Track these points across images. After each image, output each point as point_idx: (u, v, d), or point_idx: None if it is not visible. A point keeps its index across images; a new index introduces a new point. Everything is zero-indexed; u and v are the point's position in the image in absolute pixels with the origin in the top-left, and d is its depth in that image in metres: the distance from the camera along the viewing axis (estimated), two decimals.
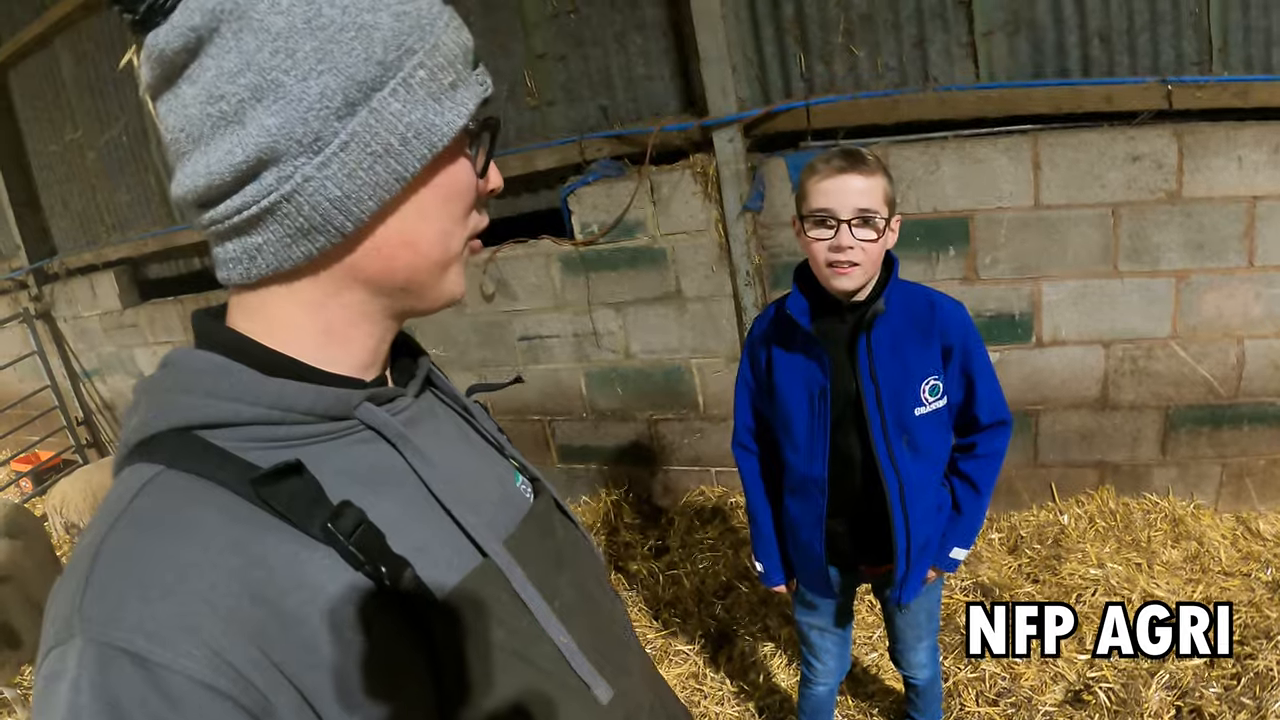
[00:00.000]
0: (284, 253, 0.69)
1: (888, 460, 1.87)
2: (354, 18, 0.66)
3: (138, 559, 0.60)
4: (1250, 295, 3.22)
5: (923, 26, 3.36)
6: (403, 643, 0.69)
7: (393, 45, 0.67)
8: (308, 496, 0.67)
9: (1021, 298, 3.46)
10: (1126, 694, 2.66)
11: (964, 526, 2.04)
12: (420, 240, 0.74)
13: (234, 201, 0.67)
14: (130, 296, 6.24)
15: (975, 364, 1.90)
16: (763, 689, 3.04)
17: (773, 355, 1.98)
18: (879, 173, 1.75)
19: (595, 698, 0.82)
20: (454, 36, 0.72)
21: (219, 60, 0.64)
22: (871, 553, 2.04)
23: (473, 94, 0.73)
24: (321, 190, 0.67)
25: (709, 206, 3.77)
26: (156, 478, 0.65)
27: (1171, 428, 3.47)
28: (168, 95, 0.68)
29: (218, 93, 0.64)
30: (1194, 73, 3.10)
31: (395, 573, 0.68)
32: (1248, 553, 3.25)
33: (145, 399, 0.71)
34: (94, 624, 0.57)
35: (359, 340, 0.77)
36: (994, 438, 1.98)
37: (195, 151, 0.67)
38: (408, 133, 0.68)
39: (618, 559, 4.08)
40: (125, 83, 5.66)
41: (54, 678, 0.57)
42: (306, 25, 0.64)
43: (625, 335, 4.22)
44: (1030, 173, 3.28)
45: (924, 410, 1.87)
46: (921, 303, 1.88)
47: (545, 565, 0.84)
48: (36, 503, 6.14)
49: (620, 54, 3.90)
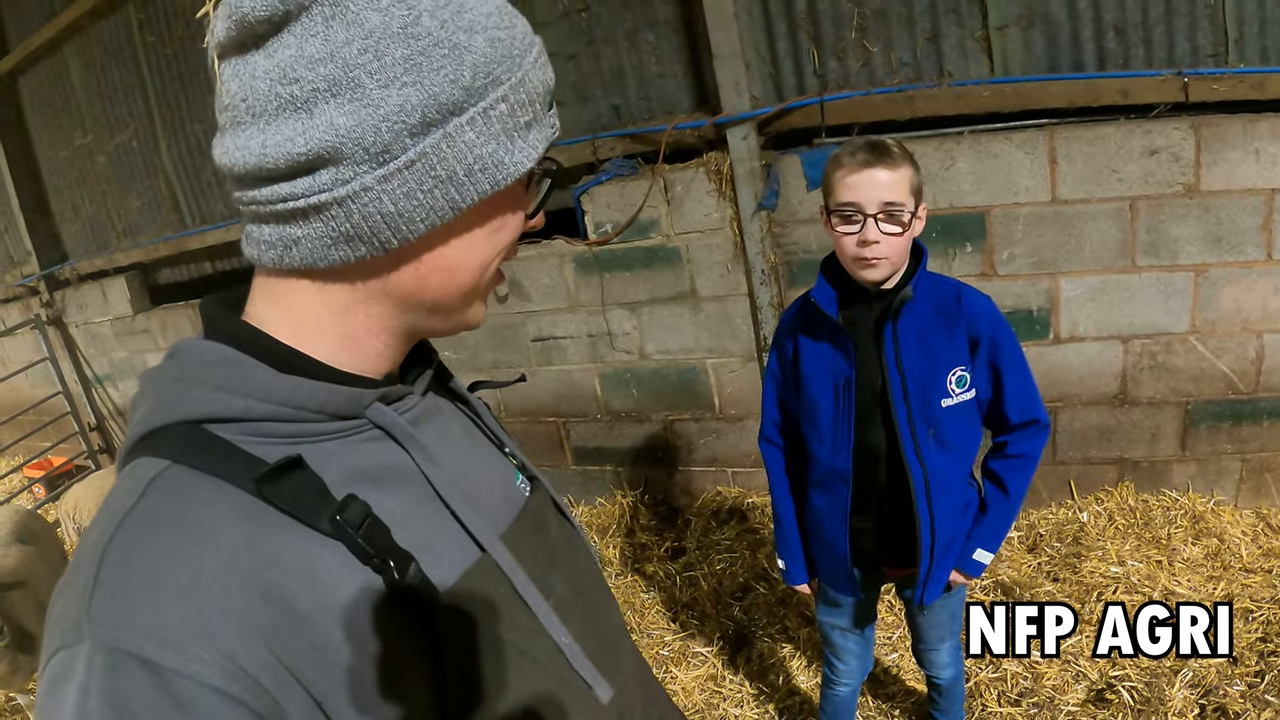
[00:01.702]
0: (321, 252, 0.68)
1: (913, 452, 1.85)
2: (450, 35, 0.64)
3: (148, 560, 0.59)
4: (1269, 288, 3.20)
5: (937, 21, 3.34)
6: (410, 639, 0.69)
7: (481, 72, 0.65)
8: (311, 491, 0.66)
9: (1039, 293, 3.44)
10: (1150, 693, 2.64)
11: (989, 528, 2.00)
12: (459, 269, 0.73)
13: (281, 188, 0.65)
14: (141, 302, 6.26)
15: (1004, 359, 1.87)
16: (782, 691, 3.03)
17: (799, 345, 1.97)
18: (904, 164, 1.73)
19: (595, 696, 0.82)
20: (540, 74, 0.71)
21: (302, 42, 0.62)
22: (895, 553, 2.01)
23: (544, 136, 0.72)
24: (376, 203, 0.65)
25: (723, 205, 3.76)
26: (164, 474, 0.64)
27: (1191, 423, 3.45)
28: (237, 60, 0.65)
29: (292, 75, 0.62)
30: (1210, 65, 3.08)
31: (401, 567, 0.68)
32: (1269, 549, 3.22)
33: (152, 389, 0.70)
34: (104, 627, 0.56)
35: (376, 349, 0.76)
36: (1025, 438, 1.94)
37: (252, 126, 0.64)
38: (475, 165, 0.67)
39: (634, 560, 4.07)
40: (134, 88, 5.69)
41: (61, 680, 0.57)
42: (402, 31, 0.62)
43: (640, 335, 4.21)
44: (1047, 167, 3.26)
45: (951, 402, 1.85)
46: (949, 293, 1.87)
47: (539, 562, 0.84)
48: (49, 509, 6.17)
49: (632, 52, 3.90)
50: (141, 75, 5.61)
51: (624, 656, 0.95)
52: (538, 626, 0.78)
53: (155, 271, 6.35)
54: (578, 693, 0.81)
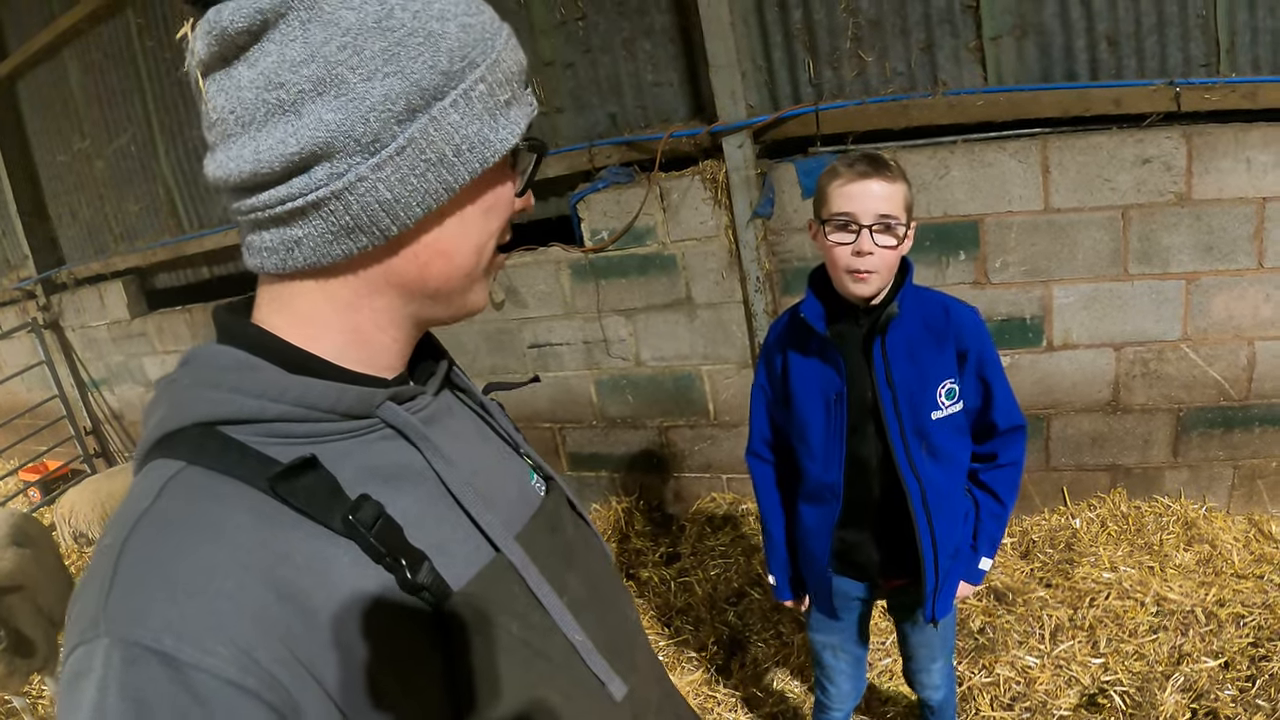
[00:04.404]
0: (324, 249, 0.69)
1: (907, 465, 1.85)
2: (424, 24, 0.66)
3: (164, 558, 0.61)
4: (1260, 297, 3.22)
5: (931, 31, 3.37)
6: (422, 638, 0.69)
7: (458, 56, 0.68)
8: (325, 491, 0.67)
9: (1032, 301, 3.46)
10: (1141, 697, 2.65)
11: (988, 536, 2.02)
12: (457, 251, 0.75)
13: (279, 191, 0.67)
14: (138, 306, 6.27)
15: (990, 369, 1.90)
16: (776, 696, 3.03)
17: (789, 361, 1.98)
18: (900, 179, 1.76)
19: (609, 694, 0.83)
20: (512, 54, 0.73)
21: (283, 47, 0.64)
22: (891, 564, 2.01)
23: (524, 113, 0.74)
24: (372, 192, 0.67)
25: (719, 213, 3.77)
26: (179, 474, 0.65)
27: (1183, 430, 3.47)
28: (221, 74, 0.67)
29: (277, 80, 0.64)
30: (1202, 75, 3.10)
31: (414, 566, 0.69)
32: (1260, 555, 3.24)
33: (167, 395, 0.71)
34: (120, 623, 0.57)
35: (384, 344, 0.77)
36: (1013, 445, 1.97)
37: (243, 135, 0.66)
38: (463, 145, 0.69)
39: (629, 566, 4.07)
40: (133, 92, 5.70)
41: (79, 676, 0.58)
42: (377, 25, 0.64)
43: (635, 342, 4.22)
44: (1039, 176, 3.29)
45: (941, 414, 1.87)
46: (936, 307, 1.89)
47: (553, 561, 0.84)
48: (45, 512, 6.16)
49: (629, 61, 3.92)
50: (140, 80, 5.62)
51: (639, 654, 0.96)
52: (551, 625, 0.79)
53: (152, 276, 6.36)
54: (592, 691, 0.82)
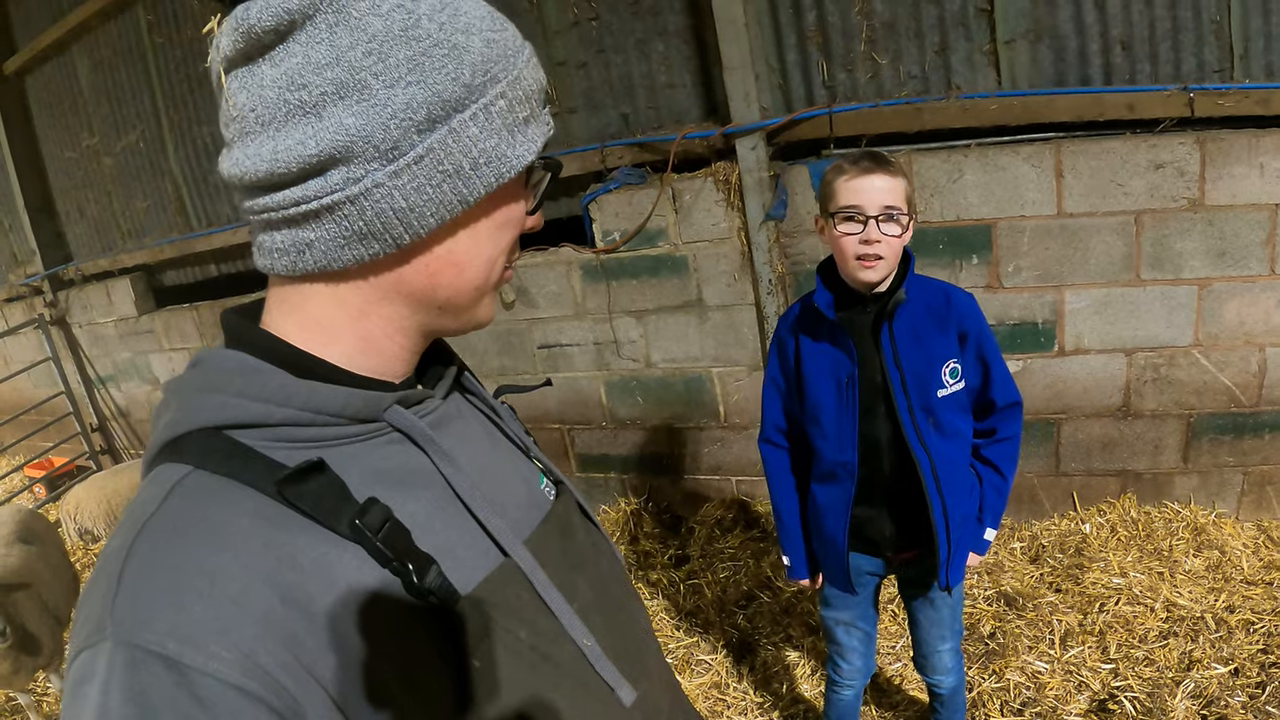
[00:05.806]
0: (335, 253, 0.69)
1: (917, 441, 1.99)
2: (449, 36, 0.67)
3: (170, 563, 0.61)
4: (1272, 303, 3.22)
5: (945, 34, 3.37)
6: (429, 644, 0.70)
7: (480, 70, 0.68)
8: (333, 495, 0.68)
9: (1044, 306, 3.46)
10: (1152, 703, 2.65)
11: (991, 509, 2.17)
12: (468, 264, 0.75)
13: (294, 192, 0.67)
14: (146, 303, 6.27)
15: (988, 350, 2.06)
16: (786, 699, 3.04)
17: (800, 347, 2.12)
18: (900, 174, 1.91)
19: (619, 700, 0.83)
20: (533, 73, 0.74)
21: (308, 49, 0.64)
22: (903, 537, 2.12)
23: (541, 132, 0.75)
24: (388, 199, 0.67)
25: (731, 214, 3.78)
26: (186, 479, 0.66)
27: (1193, 436, 3.47)
28: (244, 71, 0.67)
29: (300, 81, 0.64)
30: (1216, 80, 3.10)
31: (421, 570, 0.69)
32: (1270, 561, 3.24)
33: (175, 398, 0.72)
34: (125, 627, 0.58)
35: (393, 351, 0.78)
36: (1011, 419, 2.13)
37: (262, 134, 0.66)
38: (480, 159, 0.70)
39: (638, 568, 4.07)
40: (142, 89, 5.70)
41: (83, 680, 0.58)
42: (403, 34, 0.65)
43: (646, 344, 4.23)
44: (1053, 181, 3.29)
45: (946, 392, 2.01)
46: (937, 294, 2.04)
47: (564, 566, 0.84)
48: (50, 509, 6.17)
49: (642, 61, 3.92)
50: (150, 77, 5.62)
51: (650, 660, 0.96)
52: (560, 631, 0.79)
53: (160, 273, 6.36)
54: (601, 696, 0.82)
